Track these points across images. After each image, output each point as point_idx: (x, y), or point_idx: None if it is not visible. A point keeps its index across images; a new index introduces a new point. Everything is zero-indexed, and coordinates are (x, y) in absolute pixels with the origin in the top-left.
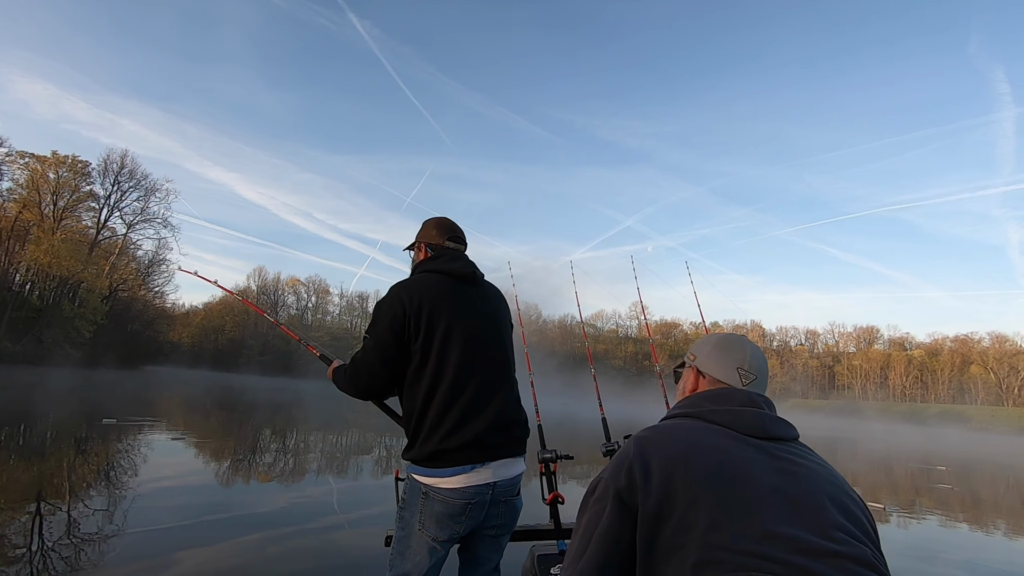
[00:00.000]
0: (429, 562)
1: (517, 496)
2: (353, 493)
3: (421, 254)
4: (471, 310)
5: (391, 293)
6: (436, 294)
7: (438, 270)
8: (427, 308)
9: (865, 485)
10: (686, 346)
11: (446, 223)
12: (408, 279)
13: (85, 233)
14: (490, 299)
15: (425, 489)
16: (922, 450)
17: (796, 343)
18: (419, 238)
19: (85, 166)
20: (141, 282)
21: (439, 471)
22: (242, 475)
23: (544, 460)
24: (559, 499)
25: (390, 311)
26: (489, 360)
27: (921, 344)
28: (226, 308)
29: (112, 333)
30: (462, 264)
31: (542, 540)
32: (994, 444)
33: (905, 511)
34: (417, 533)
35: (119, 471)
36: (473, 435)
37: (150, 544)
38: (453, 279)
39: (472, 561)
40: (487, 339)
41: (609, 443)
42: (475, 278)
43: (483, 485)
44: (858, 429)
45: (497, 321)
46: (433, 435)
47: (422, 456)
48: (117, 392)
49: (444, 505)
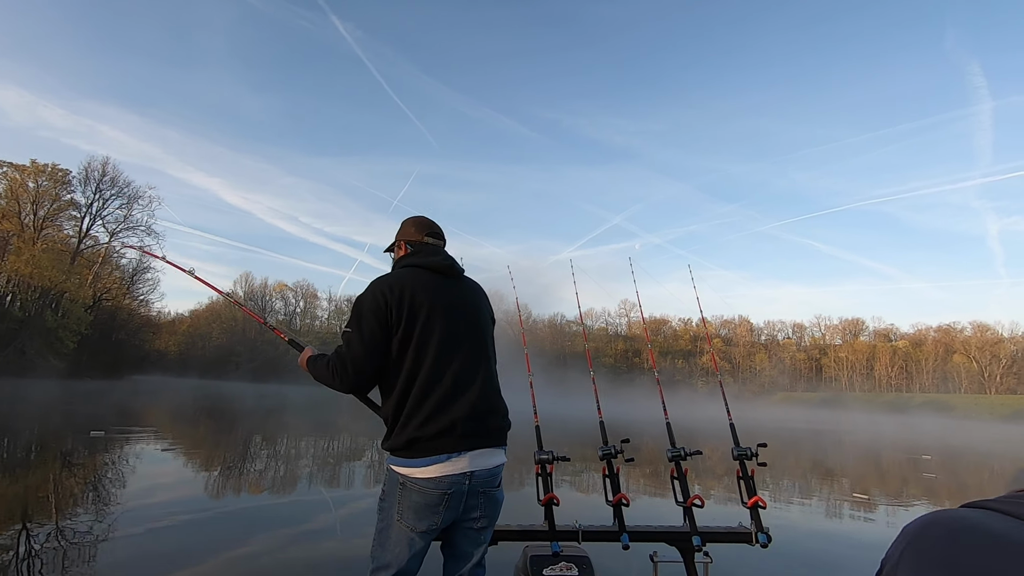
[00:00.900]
0: (409, 553)
1: (498, 488)
2: (347, 500)
3: (401, 251)
4: (451, 302)
5: (371, 287)
6: (416, 286)
7: (417, 264)
8: (408, 299)
9: (853, 476)
10: (675, 343)
11: (424, 220)
12: (386, 274)
13: (67, 243)
14: (470, 292)
15: (402, 479)
16: (907, 440)
17: (783, 337)
18: (398, 237)
19: (65, 174)
20: (125, 291)
21: (415, 460)
22: (234, 485)
23: (540, 461)
24: (554, 501)
25: (373, 303)
26: (468, 351)
27: (905, 335)
28: (213, 315)
29: (97, 343)
30: (441, 258)
31: (536, 541)
32: (976, 432)
33: (893, 500)
34: (396, 524)
35: (108, 484)
36: (449, 423)
37: (144, 554)
38: (432, 272)
39: (455, 556)
40: (467, 330)
41: (606, 447)
42: (454, 271)
43: (459, 475)
44: (845, 421)
45: (477, 313)
46: (409, 423)
47: (399, 444)
48: (104, 403)
49: (421, 495)
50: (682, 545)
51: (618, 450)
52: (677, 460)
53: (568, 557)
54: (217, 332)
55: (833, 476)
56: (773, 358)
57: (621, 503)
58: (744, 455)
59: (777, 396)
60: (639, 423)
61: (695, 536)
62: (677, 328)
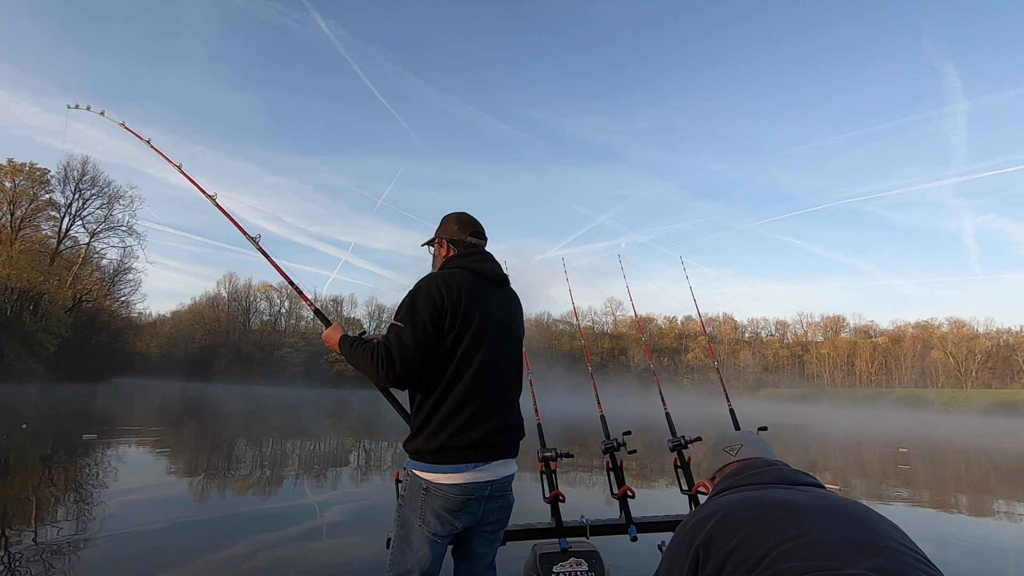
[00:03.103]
0: (431, 557)
1: (510, 492)
2: (333, 502)
3: (443, 250)
4: (499, 313)
5: (428, 283)
6: (471, 291)
7: (471, 268)
8: (464, 303)
9: (835, 469)
10: (661, 340)
11: (467, 218)
12: (442, 272)
13: (45, 243)
14: (513, 305)
15: (426, 485)
16: (885, 433)
17: (767, 334)
18: (439, 233)
19: (44, 174)
20: (106, 292)
21: (442, 467)
22: (226, 487)
23: (544, 459)
24: (560, 497)
25: (430, 300)
26: (507, 366)
27: (885, 331)
28: (196, 316)
29: (77, 345)
30: (493, 265)
31: (544, 539)
32: (952, 426)
33: (872, 491)
34: (418, 529)
35: (109, 486)
36: (479, 437)
37: (133, 556)
38: (485, 280)
39: (468, 558)
40: (508, 345)
41: (608, 440)
42: (504, 281)
43: (483, 483)
44: (826, 415)
45: (517, 328)
46: (442, 430)
47: (427, 449)
48: (87, 406)
49: (445, 500)
50: None
51: (620, 443)
52: (679, 449)
53: (577, 553)
54: (200, 333)
55: (815, 469)
56: (757, 355)
57: (627, 495)
58: None
59: (762, 392)
60: (628, 415)
61: None
62: (663, 326)
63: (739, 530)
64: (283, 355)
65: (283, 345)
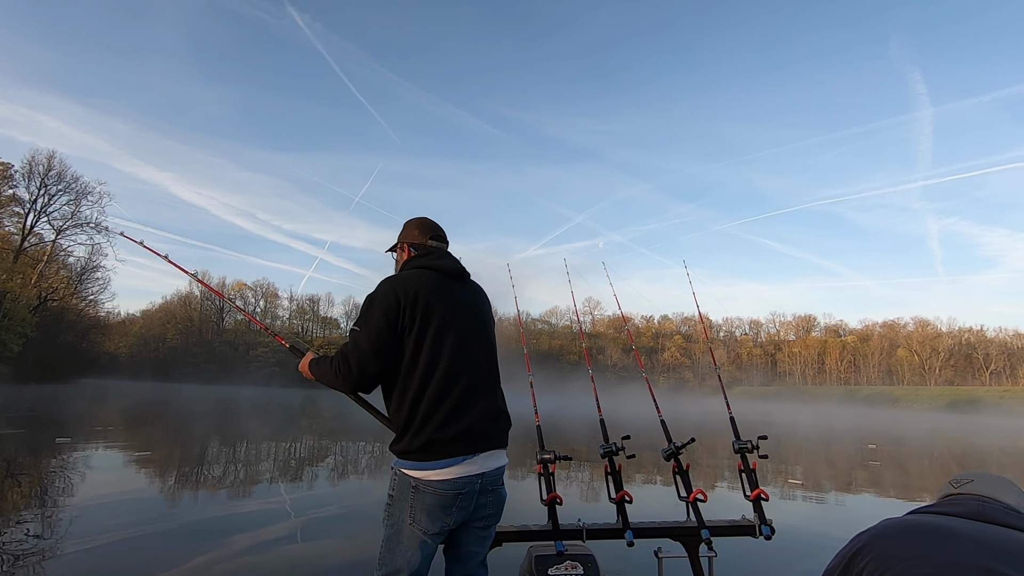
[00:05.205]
0: (420, 557)
1: (502, 486)
2: (309, 506)
3: (405, 254)
4: (463, 305)
5: (384, 286)
6: (429, 288)
7: (428, 266)
8: (422, 301)
9: (806, 465)
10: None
11: (427, 223)
12: (399, 274)
13: (9, 240)
14: (478, 296)
15: (415, 483)
16: (855, 430)
17: (741, 333)
18: (401, 239)
19: (7, 168)
20: (73, 290)
21: (430, 463)
22: (202, 488)
23: (543, 461)
24: (557, 500)
25: (384, 302)
26: (479, 354)
27: (853, 331)
28: (167, 315)
29: (43, 345)
30: (451, 261)
31: (540, 541)
32: (917, 422)
33: (841, 487)
34: (408, 528)
35: (87, 492)
36: (466, 426)
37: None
38: (443, 275)
39: (459, 557)
40: (477, 333)
41: (607, 444)
42: (464, 275)
43: (473, 476)
44: (798, 412)
45: (485, 317)
46: (425, 426)
47: (413, 448)
48: (55, 409)
49: (435, 497)
50: (686, 540)
51: (619, 447)
52: (675, 456)
53: (573, 556)
54: (172, 332)
55: (787, 465)
56: (731, 354)
57: (624, 500)
58: (745, 448)
59: (737, 391)
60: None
61: (704, 530)
62: (640, 325)
63: (884, 542)
64: (258, 355)
65: (258, 344)
